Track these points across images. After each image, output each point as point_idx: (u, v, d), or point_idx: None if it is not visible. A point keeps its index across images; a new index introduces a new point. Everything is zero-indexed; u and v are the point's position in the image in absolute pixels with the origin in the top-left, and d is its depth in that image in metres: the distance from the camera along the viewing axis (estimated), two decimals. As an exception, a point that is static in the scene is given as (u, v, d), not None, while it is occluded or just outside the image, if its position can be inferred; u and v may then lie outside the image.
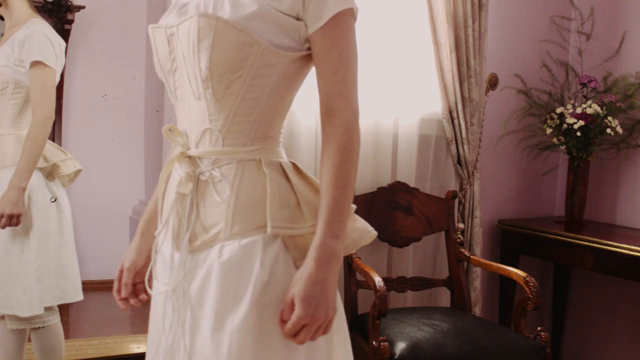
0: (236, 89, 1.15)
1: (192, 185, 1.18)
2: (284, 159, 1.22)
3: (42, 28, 2.23)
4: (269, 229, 1.12)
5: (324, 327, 1.10)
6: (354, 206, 1.22)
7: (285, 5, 1.14)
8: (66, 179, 2.39)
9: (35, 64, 2.18)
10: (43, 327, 2.32)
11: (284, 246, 1.14)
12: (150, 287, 1.25)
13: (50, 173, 2.32)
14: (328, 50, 1.14)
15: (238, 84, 1.14)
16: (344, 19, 1.15)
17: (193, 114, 1.19)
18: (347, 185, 1.13)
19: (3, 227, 2.14)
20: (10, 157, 2.26)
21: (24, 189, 2.16)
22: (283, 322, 1.09)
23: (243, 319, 1.09)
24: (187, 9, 1.20)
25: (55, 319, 2.36)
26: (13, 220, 2.14)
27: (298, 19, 1.15)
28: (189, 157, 1.19)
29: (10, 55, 2.21)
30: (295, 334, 1.08)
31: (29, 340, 2.39)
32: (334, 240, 1.11)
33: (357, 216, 1.23)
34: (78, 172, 2.42)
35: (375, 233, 1.24)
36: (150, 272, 1.25)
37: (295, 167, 1.23)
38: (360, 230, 1.21)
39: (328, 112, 1.16)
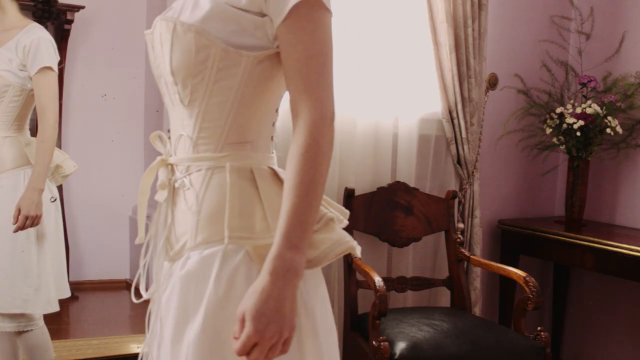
0: (200, 93, 1.10)
1: (168, 193, 1.16)
2: (265, 165, 1.14)
3: (45, 34, 2.28)
4: (225, 239, 1.06)
5: (280, 347, 1.00)
6: (339, 216, 1.16)
7: (243, 1, 1.06)
8: (61, 178, 2.44)
9: (43, 69, 2.24)
10: (32, 329, 2.33)
11: (249, 258, 1.07)
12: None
13: (52, 173, 2.36)
14: (291, 45, 1.05)
15: (202, 88, 1.10)
16: (309, 11, 1.04)
17: (173, 120, 1.18)
18: (310, 192, 1.02)
19: (24, 229, 2.18)
20: (10, 160, 2.28)
21: (42, 191, 2.21)
22: (236, 339, 1.00)
23: (197, 333, 1.04)
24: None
25: (42, 320, 2.38)
26: (35, 221, 2.19)
27: (262, 14, 1.07)
28: (168, 164, 1.17)
29: (13, 60, 2.24)
30: (248, 353, 0.99)
31: None
32: (292, 252, 1.00)
33: (336, 227, 1.13)
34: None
35: (351, 245, 1.12)
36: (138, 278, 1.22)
37: (274, 174, 1.15)
38: (333, 241, 1.10)
39: (293, 113, 1.07)
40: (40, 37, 2.25)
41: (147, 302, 1.25)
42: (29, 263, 2.25)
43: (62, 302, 2.41)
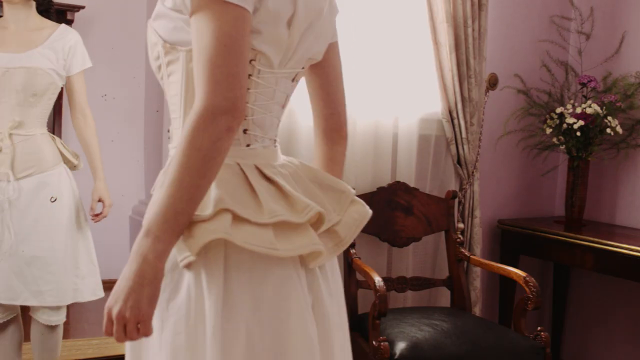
0: (164, 87, 1.21)
1: None
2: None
3: (78, 36, 2.45)
4: None
5: (133, 327, 1.02)
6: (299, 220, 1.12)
7: (170, 1, 1.14)
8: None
9: (82, 70, 2.43)
10: (57, 325, 2.38)
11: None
12: None
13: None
14: (193, 39, 1.07)
15: (163, 83, 1.20)
16: (207, 4, 1.04)
17: None
18: (173, 184, 1.01)
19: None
20: (52, 158, 2.36)
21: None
22: None
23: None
24: None
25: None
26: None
27: (185, 13, 1.11)
28: None
29: (58, 60, 2.34)
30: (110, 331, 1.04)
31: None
32: (146, 239, 1.02)
33: (225, 218, 1.06)
34: None
35: (222, 235, 1.05)
36: None
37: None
38: (207, 231, 1.05)
39: None
40: (77, 39, 2.41)
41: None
42: (77, 253, 2.37)
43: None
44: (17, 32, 2.32)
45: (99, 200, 2.53)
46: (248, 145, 1.17)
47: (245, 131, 1.17)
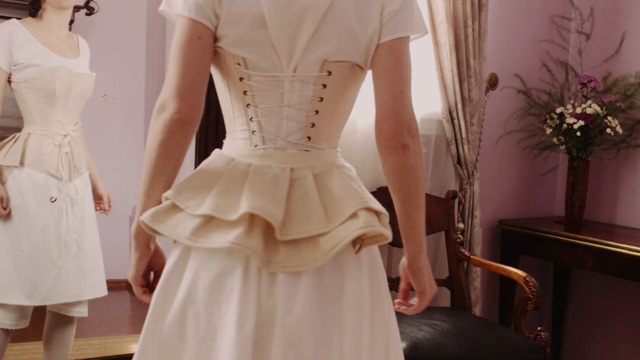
0: None
1: None
2: (227, 150, 1.28)
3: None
4: None
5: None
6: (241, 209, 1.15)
7: None
8: None
9: None
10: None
11: None
12: None
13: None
14: None
15: None
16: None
17: None
18: (143, 170, 1.24)
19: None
20: (85, 161, 2.50)
21: None
22: None
23: None
24: None
25: None
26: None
27: None
28: None
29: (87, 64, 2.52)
30: None
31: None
32: (135, 214, 1.25)
33: (173, 213, 1.19)
34: None
35: (147, 224, 1.19)
36: None
37: (220, 154, 1.29)
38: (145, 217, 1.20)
39: None
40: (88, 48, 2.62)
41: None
42: (97, 249, 2.51)
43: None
44: (62, 38, 2.43)
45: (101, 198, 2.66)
46: (256, 146, 1.23)
47: (253, 132, 1.23)
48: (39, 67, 2.27)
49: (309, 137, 1.24)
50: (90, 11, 2.63)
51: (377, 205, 1.24)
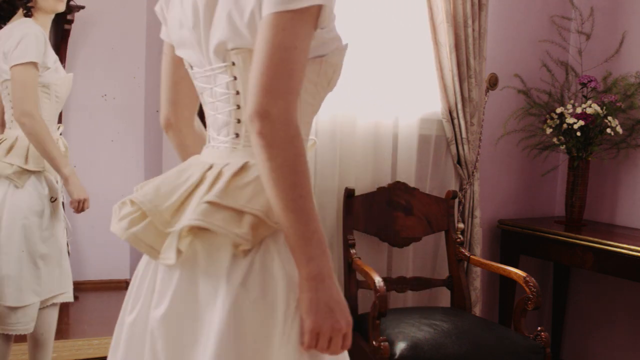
0: None
1: None
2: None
3: None
4: None
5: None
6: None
7: None
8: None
9: None
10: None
11: None
12: None
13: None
14: None
15: None
16: None
17: None
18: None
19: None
20: None
21: None
22: None
23: None
24: None
25: None
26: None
27: None
28: None
29: None
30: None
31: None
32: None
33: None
34: None
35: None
36: None
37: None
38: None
39: None
40: None
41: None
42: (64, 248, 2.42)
43: (62, 303, 2.43)
44: None
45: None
46: (208, 144, 1.24)
47: (208, 130, 1.26)
48: (58, 73, 2.28)
49: (236, 134, 1.18)
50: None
51: (247, 205, 1.08)
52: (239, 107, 1.17)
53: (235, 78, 1.16)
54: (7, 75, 2.19)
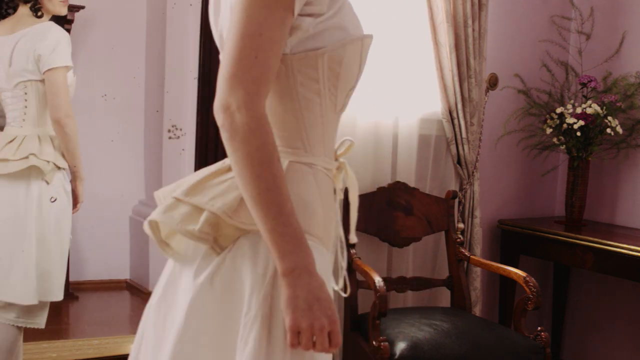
0: None
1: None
2: None
3: None
4: None
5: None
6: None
7: None
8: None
9: None
10: None
11: None
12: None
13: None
14: None
15: None
16: None
17: (333, 127, 1.23)
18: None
19: None
20: None
21: None
22: None
23: None
24: None
25: None
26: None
27: None
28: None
29: None
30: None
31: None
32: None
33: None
34: None
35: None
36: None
37: None
38: None
39: None
40: None
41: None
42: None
43: (62, 302, 2.44)
44: None
45: None
46: None
47: None
48: (72, 75, 2.39)
49: None
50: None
51: (208, 203, 1.06)
52: None
53: None
54: (31, 76, 2.25)
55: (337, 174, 1.27)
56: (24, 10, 2.32)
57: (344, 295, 1.32)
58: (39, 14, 2.31)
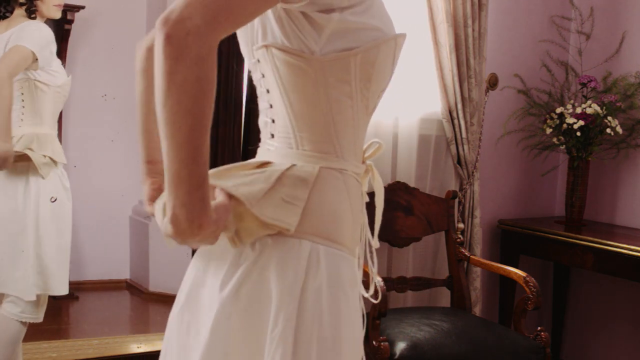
0: None
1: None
2: None
3: None
4: None
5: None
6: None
7: None
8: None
9: None
10: None
11: None
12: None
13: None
14: None
15: None
16: None
17: (363, 130, 1.21)
18: None
19: None
20: None
21: None
22: None
23: None
24: None
25: None
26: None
27: None
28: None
29: None
30: None
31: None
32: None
33: None
34: None
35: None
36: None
37: None
38: None
39: None
40: None
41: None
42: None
43: (62, 302, 2.45)
44: None
45: None
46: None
47: None
48: (65, 76, 2.43)
49: (272, 135, 1.12)
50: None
51: (228, 185, 0.99)
52: (271, 105, 1.10)
53: (263, 76, 1.08)
54: (25, 74, 2.27)
55: (364, 176, 1.23)
56: (19, 12, 2.36)
57: (374, 301, 1.30)
58: (33, 16, 2.35)
